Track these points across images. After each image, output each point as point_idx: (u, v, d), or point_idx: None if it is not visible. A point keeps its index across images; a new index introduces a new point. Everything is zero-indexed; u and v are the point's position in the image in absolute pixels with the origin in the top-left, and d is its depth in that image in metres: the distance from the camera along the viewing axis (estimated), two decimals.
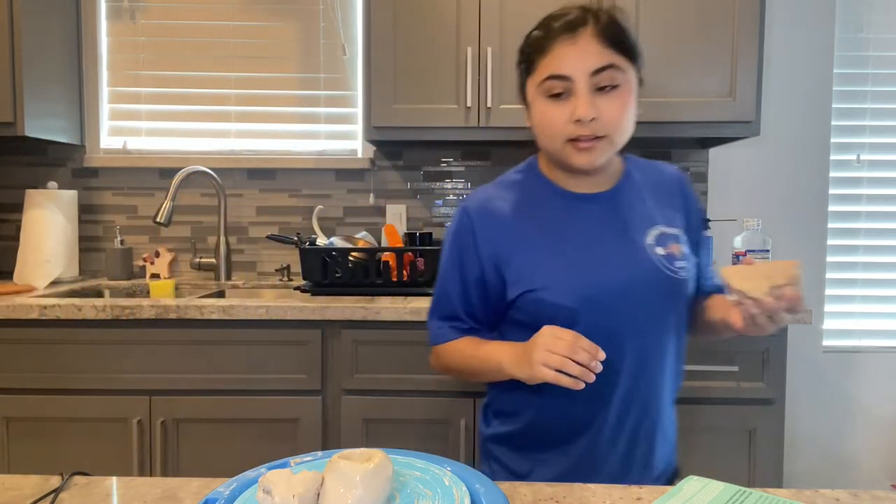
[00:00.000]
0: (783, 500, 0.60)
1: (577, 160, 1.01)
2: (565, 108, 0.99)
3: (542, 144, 1.08)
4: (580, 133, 0.98)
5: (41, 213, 2.09)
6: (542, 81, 1.01)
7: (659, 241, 1.05)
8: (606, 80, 0.98)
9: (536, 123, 1.06)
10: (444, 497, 0.52)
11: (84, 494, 0.63)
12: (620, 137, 1.01)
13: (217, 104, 2.34)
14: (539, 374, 0.87)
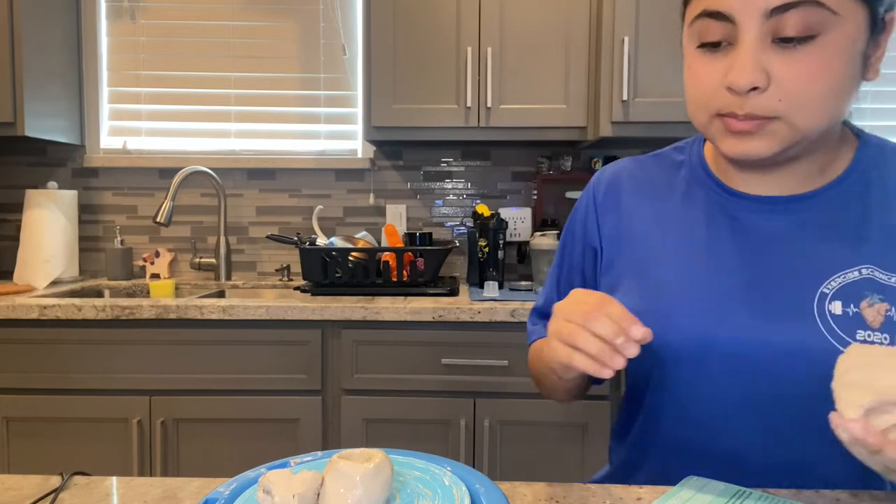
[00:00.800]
0: (784, 499, 0.60)
1: (726, 146, 0.67)
2: (719, 63, 0.65)
3: (689, 114, 0.72)
4: (731, 109, 0.65)
5: (41, 213, 2.09)
6: (695, 19, 0.67)
7: (845, 292, 0.67)
8: (794, 27, 0.61)
9: (685, 83, 0.72)
10: (444, 497, 0.52)
11: (84, 494, 0.63)
12: (809, 121, 0.64)
13: (217, 104, 2.34)
14: (553, 351, 0.62)
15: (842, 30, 0.62)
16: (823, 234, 0.69)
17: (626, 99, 1.91)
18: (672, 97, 1.93)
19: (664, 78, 1.94)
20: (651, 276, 0.76)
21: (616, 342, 0.58)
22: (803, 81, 0.62)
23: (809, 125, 0.64)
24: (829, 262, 0.68)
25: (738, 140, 0.66)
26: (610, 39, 1.93)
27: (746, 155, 0.66)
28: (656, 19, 1.93)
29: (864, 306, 0.66)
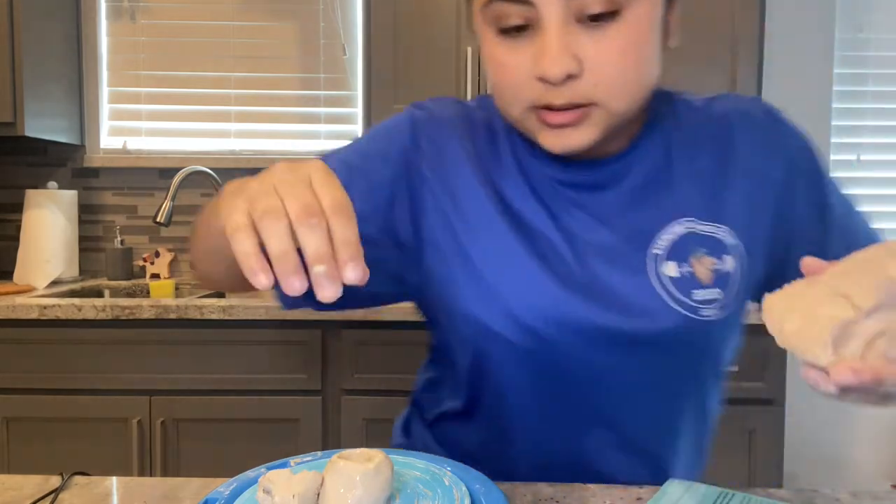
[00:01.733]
0: (767, 500, 0.60)
1: (546, 141, 0.61)
2: (524, 51, 0.59)
3: (498, 107, 0.65)
4: (548, 101, 0.59)
5: (41, 213, 2.09)
6: (487, 2, 0.59)
7: (675, 251, 0.64)
8: (599, 2, 0.56)
9: (488, 73, 0.64)
10: (444, 497, 0.52)
11: (84, 494, 0.63)
12: (625, 103, 0.60)
13: (217, 104, 2.34)
14: (229, 211, 0.43)
15: (644, 3, 0.58)
16: (646, 192, 0.66)
17: None
18: None
19: (664, 78, 1.93)
20: (478, 250, 0.66)
21: (314, 268, 0.40)
22: (616, 62, 0.57)
23: (627, 106, 0.60)
24: (656, 220, 0.65)
25: (558, 134, 0.60)
26: None
27: (569, 148, 0.61)
28: None
29: (693, 262, 0.64)
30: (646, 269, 0.64)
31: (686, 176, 0.67)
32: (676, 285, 0.63)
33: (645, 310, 0.63)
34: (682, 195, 0.66)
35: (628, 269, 0.64)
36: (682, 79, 1.94)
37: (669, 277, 0.63)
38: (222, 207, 0.46)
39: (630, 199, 0.66)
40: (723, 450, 1.76)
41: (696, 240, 0.65)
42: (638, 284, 0.63)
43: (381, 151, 0.69)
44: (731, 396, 1.80)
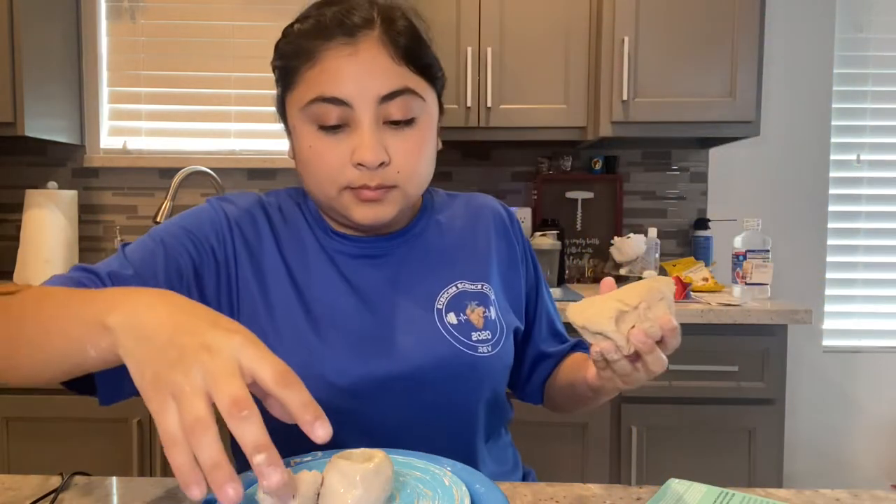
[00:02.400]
0: (765, 500, 0.60)
1: (358, 215, 0.74)
2: (342, 144, 0.72)
3: (309, 189, 0.77)
4: (363, 182, 0.72)
5: (41, 213, 2.09)
6: (310, 103, 0.71)
7: (453, 305, 0.79)
8: (399, 112, 0.72)
9: (302, 160, 0.75)
10: (444, 497, 0.52)
11: (84, 494, 0.63)
12: (416, 187, 0.76)
13: (217, 104, 2.34)
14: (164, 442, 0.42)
15: (428, 111, 0.76)
16: (424, 262, 0.82)
17: (626, 99, 1.91)
18: (672, 97, 1.93)
19: (664, 78, 1.94)
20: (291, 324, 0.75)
21: (254, 459, 0.41)
22: (412, 156, 0.74)
23: (416, 190, 0.77)
24: (434, 283, 0.81)
25: (369, 207, 0.74)
26: (610, 39, 1.93)
27: (377, 219, 0.75)
28: (656, 19, 1.93)
29: (468, 312, 0.80)
30: (434, 320, 0.78)
31: (457, 248, 0.85)
32: (458, 330, 0.78)
33: (436, 353, 0.76)
34: (455, 263, 0.83)
35: (420, 322, 0.78)
36: (682, 79, 1.95)
37: (451, 325, 0.78)
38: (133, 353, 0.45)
39: (416, 267, 0.81)
40: (723, 450, 1.76)
41: (468, 296, 0.81)
42: (429, 333, 0.77)
43: (193, 232, 0.76)
44: (731, 396, 1.82)
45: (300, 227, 0.82)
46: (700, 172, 2.33)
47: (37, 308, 0.55)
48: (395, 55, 0.71)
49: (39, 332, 0.53)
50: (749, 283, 1.86)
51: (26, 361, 0.55)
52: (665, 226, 2.33)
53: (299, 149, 0.75)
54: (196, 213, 0.79)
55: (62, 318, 0.52)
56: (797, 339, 2.30)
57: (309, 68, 0.71)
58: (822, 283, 2.36)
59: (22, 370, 0.55)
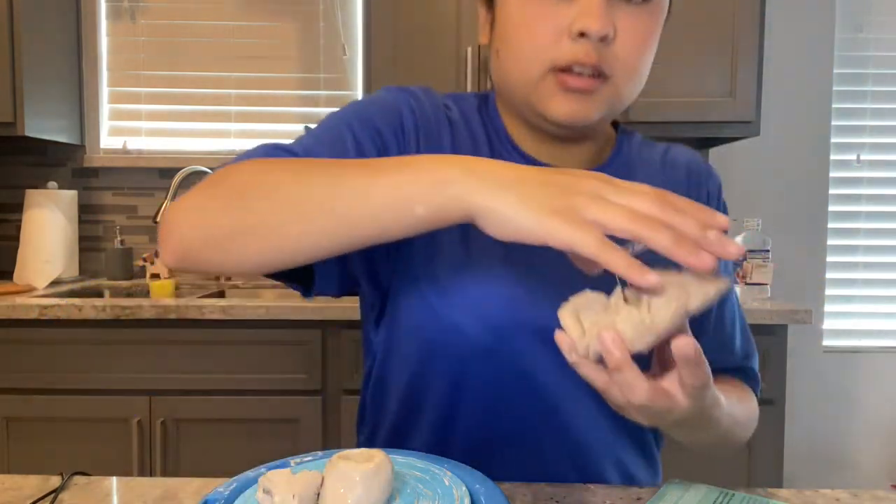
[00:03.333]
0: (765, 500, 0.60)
1: (556, 107, 0.61)
2: (562, 11, 0.59)
3: (506, 74, 0.65)
4: (578, 59, 0.59)
5: (41, 213, 2.09)
6: None
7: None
8: None
9: (504, 35, 0.63)
10: (444, 497, 0.52)
11: (84, 494, 0.63)
12: (631, 88, 0.64)
13: (217, 104, 2.34)
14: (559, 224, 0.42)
15: (662, 1, 0.63)
16: None
17: None
18: (672, 97, 1.93)
19: (664, 78, 1.94)
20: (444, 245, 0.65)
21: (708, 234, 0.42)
22: (639, 44, 0.61)
23: (630, 92, 0.64)
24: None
25: (571, 100, 0.61)
26: None
27: (575, 117, 0.61)
28: None
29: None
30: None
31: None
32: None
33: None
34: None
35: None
36: (682, 79, 1.95)
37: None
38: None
39: None
40: (723, 449, 1.76)
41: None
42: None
43: (374, 123, 0.66)
44: None
45: (479, 141, 0.70)
46: None
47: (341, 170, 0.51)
48: None
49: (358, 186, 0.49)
50: (749, 283, 1.86)
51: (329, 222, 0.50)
52: None
53: (507, 17, 0.62)
54: (381, 102, 0.68)
55: (381, 178, 0.49)
56: (797, 339, 2.30)
57: None
58: (822, 283, 2.36)
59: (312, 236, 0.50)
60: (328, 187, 0.50)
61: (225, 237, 0.52)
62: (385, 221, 0.49)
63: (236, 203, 0.53)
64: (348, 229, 0.50)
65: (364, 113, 0.66)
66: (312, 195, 0.50)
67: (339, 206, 0.49)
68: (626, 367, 0.45)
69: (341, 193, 0.50)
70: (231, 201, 0.53)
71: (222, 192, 0.54)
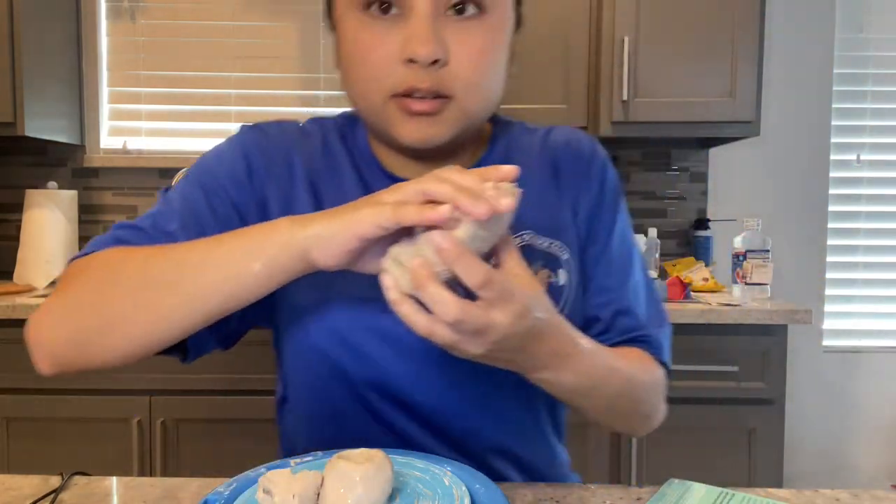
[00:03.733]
0: (765, 500, 0.60)
1: (403, 133, 0.61)
2: (393, 34, 0.59)
3: (354, 101, 0.65)
4: (413, 84, 0.58)
5: (41, 213, 2.09)
6: None
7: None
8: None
9: (345, 62, 0.63)
10: (444, 497, 0.52)
11: (84, 494, 0.63)
12: (478, 104, 0.62)
13: (217, 104, 2.34)
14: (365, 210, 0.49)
15: (502, 10, 0.61)
16: None
17: (626, 99, 1.91)
18: (672, 97, 1.93)
19: (664, 78, 1.94)
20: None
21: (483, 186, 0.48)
22: (477, 59, 0.59)
23: (478, 108, 0.62)
24: None
25: (418, 124, 0.60)
26: (610, 39, 1.93)
27: (425, 141, 0.61)
28: (656, 19, 1.93)
29: (536, 273, 0.66)
30: None
31: (529, 192, 0.66)
32: None
33: None
34: (521, 211, 0.66)
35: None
36: (682, 79, 1.95)
37: None
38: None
39: None
40: (723, 450, 1.76)
41: (533, 254, 0.66)
42: None
43: (221, 178, 0.67)
44: (731, 396, 1.81)
45: (341, 165, 0.68)
46: (700, 172, 2.33)
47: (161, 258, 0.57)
48: None
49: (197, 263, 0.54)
50: (749, 283, 1.86)
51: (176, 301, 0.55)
52: (665, 226, 2.33)
53: (343, 45, 0.63)
54: (223, 155, 0.69)
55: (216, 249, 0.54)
56: (797, 339, 2.30)
57: None
58: (822, 283, 2.36)
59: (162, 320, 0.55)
60: (172, 271, 0.55)
61: (88, 337, 0.56)
62: (229, 288, 0.54)
63: (90, 301, 0.56)
64: (199, 304, 0.54)
65: (211, 170, 0.67)
66: (158, 281, 0.55)
67: (184, 286, 0.54)
68: (431, 284, 0.46)
69: (183, 273, 0.54)
70: (85, 301, 0.57)
71: (76, 293, 0.58)
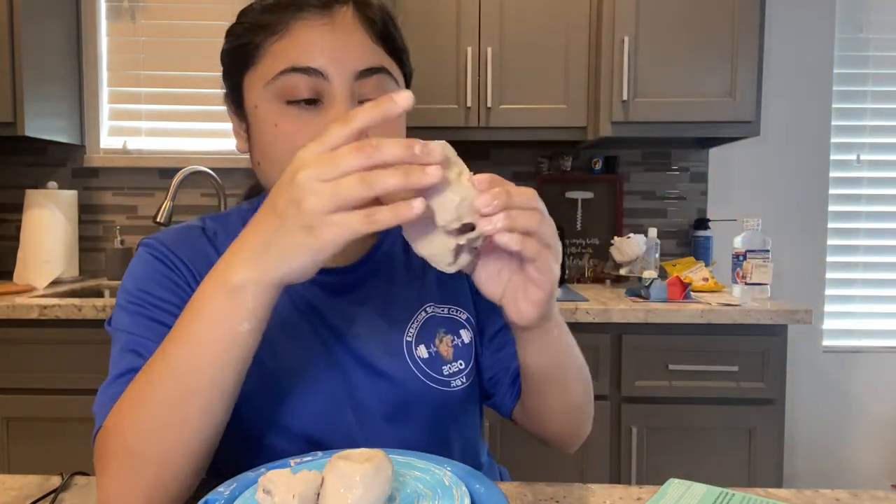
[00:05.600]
0: (765, 500, 0.60)
1: None
2: (314, 121, 0.64)
3: (270, 184, 0.69)
4: None
5: (41, 213, 2.09)
6: (278, 76, 0.64)
7: (423, 335, 0.72)
8: (375, 92, 0.64)
9: (263, 147, 0.69)
10: (444, 497, 0.52)
11: (84, 494, 0.63)
12: None
13: (217, 104, 2.34)
14: (325, 234, 0.47)
15: (403, 87, 0.69)
16: (391, 289, 0.74)
17: (626, 99, 1.91)
18: (672, 97, 1.93)
19: (664, 78, 1.94)
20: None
21: (414, 150, 0.46)
22: (396, 136, 0.64)
23: None
24: (403, 312, 0.73)
25: None
26: (610, 39, 1.93)
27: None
28: (656, 19, 1.93)
29: (437, 343, 0.73)
30: (404, 354, 0.71)
31: (423, 269, 0.76)
32: (428, 366, 0.71)
33: (407, 389, 0.70)
34: (422, 285, 0.75)
35: (389, 356, 0.71)
36: (682, 79, 1.95)
37: (421, 359, 0.71)
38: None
39: (383, 292, 0.74)
40: (723, 450, 1.76)
41: (437, 322, 0.74)
42: (399, 369, 0.71)
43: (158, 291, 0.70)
44: (731, 396, 1.81)
45: None
46: (700, 172, 2.33)
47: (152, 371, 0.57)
48: (372, 33, 0.66)
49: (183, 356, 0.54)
50: (749, 283, 1.86)
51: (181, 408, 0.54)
52: (665, 226, 2.33)
53: (260, 133, 0.68)
54: (146, 272, 0.71)
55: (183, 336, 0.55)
56: (797, 339, 2.30)
57: (276, 41, 0.65)
58: (822, 283, 2.36)
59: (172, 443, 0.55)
60: (172, 379, 0.55)
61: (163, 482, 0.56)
62: (231, 358, 0.54)
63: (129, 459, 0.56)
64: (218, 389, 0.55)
65: (144, 289, 0.70)
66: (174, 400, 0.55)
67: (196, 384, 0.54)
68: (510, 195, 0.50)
69: (178, 377, 0.54)
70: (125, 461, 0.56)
71: (116, 462, 0.56)
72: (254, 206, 0.79)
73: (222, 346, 0.53)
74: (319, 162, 0.47)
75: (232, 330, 0.52)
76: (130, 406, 0.56)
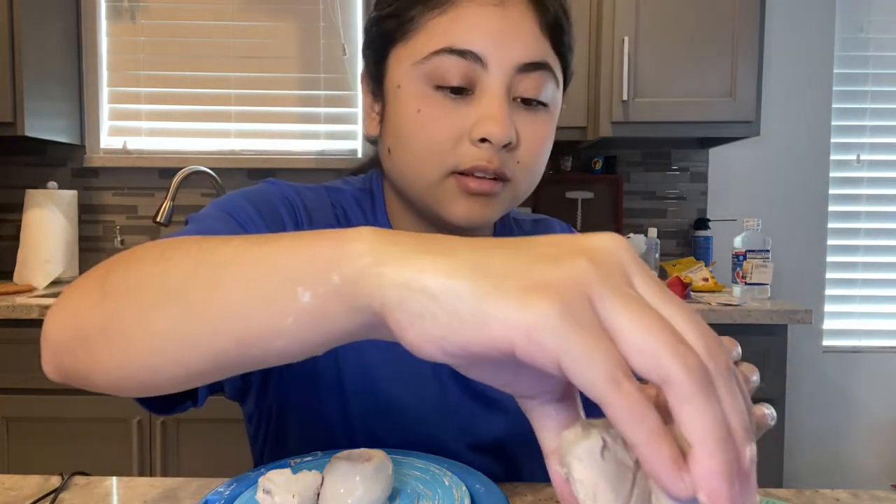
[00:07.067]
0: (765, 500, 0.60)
1: (459, 211, 0.59)
2: (462, 112, 0.57)
3: (401, 173, 0.62)
4: (480, 164, 0.57)
5: (41, 213, 2.09)
6: (432, 55, 0.57)
7: None
8: (534, 89, 0.59)
9: (400, 132, 0.60)
10: (444, 497, 0.52)
11: (84, 494, 0.63)
12: (527, 189, 0.63)
13: (217, 104, 2.34)
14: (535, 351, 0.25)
15: (557, 103, 0.62)
16: None
17: (626, 99, 1.91)
18: (672, 97, 1.93)
19: (664, 78, 1.94)
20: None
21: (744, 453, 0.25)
22: (539, 147, 0.60)
23: (526, 193, 0.63)
24: None
25: (473, 204, 0.59)
26: (610, 39, 1.93)
27: (475, 220, 0.59)
28: (656, 19, 1.93)
29: None
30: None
31: None
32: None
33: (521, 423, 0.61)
34: None
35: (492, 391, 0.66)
36: (682, 79, 1.95)
37: None
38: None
39: None
40: None
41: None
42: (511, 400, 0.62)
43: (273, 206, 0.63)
44: None
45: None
46: (700, 172, 2.33)
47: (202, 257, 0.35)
48: (543, 23, 0.59)
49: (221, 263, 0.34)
50: (749, 283, 1.86)
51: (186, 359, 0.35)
52: (665, 226, 2.33)
53: (399, 116, 0.60)
54: (262, 191, 0.66)
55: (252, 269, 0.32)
56: (797, 339, 2.30)
57: (437, 15, 0.57)
58: (822, 283, 2.36)
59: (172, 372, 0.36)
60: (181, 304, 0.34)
61: (90, 338, 0.38)
62: (262, 349, 0.32)
63: (99, 297, 0.38)
64: (213, 353, 0.34)
65: (260, 198, 0.63)
66: (178, 292, 0.34)
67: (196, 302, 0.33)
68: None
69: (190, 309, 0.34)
70: (95, 295, 0.39)
71: (90, 285, 0.40)
72: (367, 187, 0.70)
73: (267, 328, 0.31)
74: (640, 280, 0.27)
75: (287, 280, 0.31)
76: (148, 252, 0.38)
